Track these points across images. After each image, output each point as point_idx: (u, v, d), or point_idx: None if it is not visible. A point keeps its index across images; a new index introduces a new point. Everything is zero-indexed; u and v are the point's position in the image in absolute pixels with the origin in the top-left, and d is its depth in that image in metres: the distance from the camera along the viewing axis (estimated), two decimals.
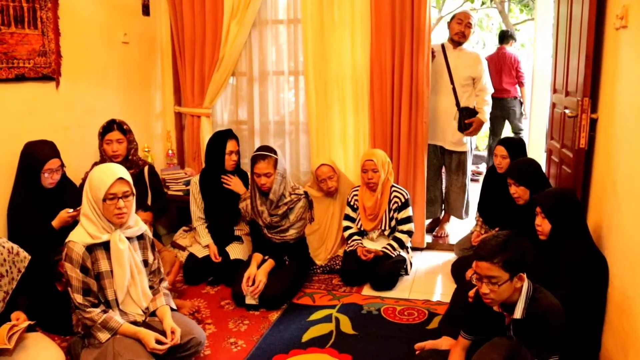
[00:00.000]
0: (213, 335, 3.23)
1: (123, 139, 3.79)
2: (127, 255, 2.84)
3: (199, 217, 4.14)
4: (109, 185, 2.73)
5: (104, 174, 2.79)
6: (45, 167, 3.38)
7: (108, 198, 2.74)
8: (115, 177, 2.75)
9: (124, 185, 2.78)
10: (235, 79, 4.99)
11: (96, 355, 2.76)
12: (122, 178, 2.77)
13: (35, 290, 3.05)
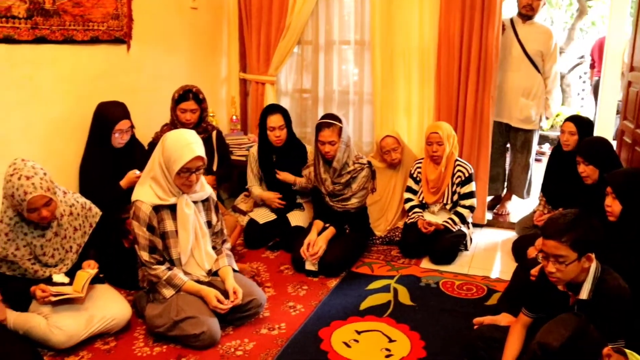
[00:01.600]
0: (272, 298, 3.29)
1: (197, 108, 3.82)
2: (193, 219, 2.91)
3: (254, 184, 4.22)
4: (185, 162, 2.79)
5: (182, 146, 2.84)
6: (116, 128, 3.47)
7: (182, 171, 2.81)
8: (193, 155, 2.81)
9: (199, 160, 2.84)
10: (300, 47, 4.99)
11: (160, 310, 2.86)
12: (200, 156, 2.83)
13: (104, 245, 3.16)
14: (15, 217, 2.81)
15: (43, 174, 2.75)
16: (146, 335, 2.95)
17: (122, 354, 2.80)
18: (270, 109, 4.02)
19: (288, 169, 4.09)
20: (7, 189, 2.73)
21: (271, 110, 4.00)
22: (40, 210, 2.73)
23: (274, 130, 3.97)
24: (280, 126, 3.97)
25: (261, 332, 2.96)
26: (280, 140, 4.00)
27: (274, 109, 4.01)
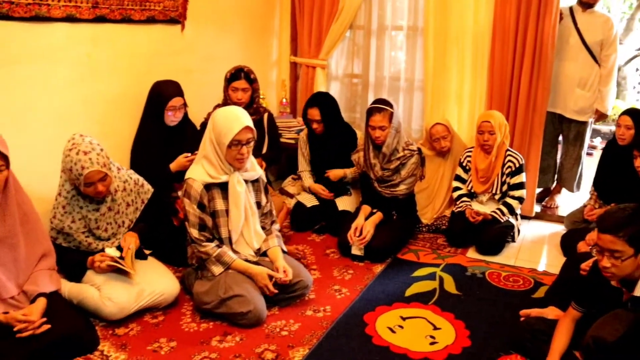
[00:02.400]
0: (318, 281, 3.31)
1: (248, 87, 3.85)
2: (244, 197, 2.94)
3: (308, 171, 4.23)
4: (235, 133, 2.81)
5: (231, 120, 2.87)
6: (169, 105, 3.52)
7: (233, 144, 2.83)
8: (242, 125, 2.83)
9: (249, 132, 2.86)
10: (352, 32, 4.96)
11: (208, 287, 2.91)
12: (249, 126, 2.85)
13: (154, 221, 3.23)
14: (72, 190, 2.89)
15: (100, 150, 2.81)
16: (193, 311, 3.00)
17: (170, 328, 2.86)
18: (310, 102, 4.08)
19: (336, 154, 4.09)
20: (65, 163, 2.81)
21: (310, 103, 4.06)
22: (96, 185, 2.80)
23: (312, 123, 4.02)
24: (317, 120, 3.99)
25: (306, 314, 2.98)
26: (318, 132, 4.05)
27: (312, 103, 4.05)
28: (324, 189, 4.11)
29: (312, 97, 4.13)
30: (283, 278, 2.92)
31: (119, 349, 2.69)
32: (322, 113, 3.98)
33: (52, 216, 2.92)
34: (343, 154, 4.08)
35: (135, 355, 2.64)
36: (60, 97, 3.29)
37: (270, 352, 2.65)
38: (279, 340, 2.75)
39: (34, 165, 3.06)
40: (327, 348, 2.70)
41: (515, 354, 2.64)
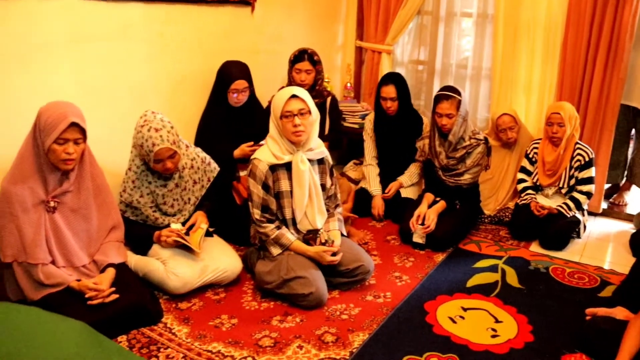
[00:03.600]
0: (378, 267, 3.30)
1: (312, 69, 3.85)
2: (307, 177, 2.95)
3: (373, 157, 4.17)
4: (284, 102, 2.83)
5: (282, 93, 2.91)
6: (232, 87, 3.54)
7: (284, 115, 2.84)
8: (290, 94, 2.85)
9: (299, 102, 2.86)
10: (419, 17, 4.89)
11: (271, 267, 2.93)
12: (296, 95, 2.85)
13: (218, 200, 3.27)
14: (142, 166, 2.95)
15: (170, 127, 2.86)
16: (254, 290, 3.05)
17: (231, 305, 2.91)
18: (385, 79, 3.99)
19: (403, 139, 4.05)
20: (137, 139, 2.87)
21: (386, 80, 3.97)
22: (165, 161, 2.85)
23: (386, 101, 3.94)
24: (392, 98, 3.92)
25: (366, 299, 2.98)
26: (392, 111, 3.96)
27: (388, 80, 3.96)
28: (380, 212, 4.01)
29: (387, 75, 4.06)
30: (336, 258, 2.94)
31: (182, 322, 2.75)
32: (398, 90, 3.92)
33: (122, 190, 3.00)
34: (409, 140, 4.02)
35: (198, 330, 2.69)
36: (133, 74, 3.36)
37: (330, 335, 2.66)
38: (339, 323, 2.76)
39: (106, 140, 3.13)
40: (387, 334, 2.69)
41: (581, 353, 2.57)
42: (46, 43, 2.92)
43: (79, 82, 3.09)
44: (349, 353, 2.53)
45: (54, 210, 2.64)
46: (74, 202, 2.69)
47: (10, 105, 2.81)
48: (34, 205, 2.61)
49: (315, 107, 2.95)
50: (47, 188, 2.62)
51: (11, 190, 2.58)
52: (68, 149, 2.54)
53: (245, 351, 2.54)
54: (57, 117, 2.52)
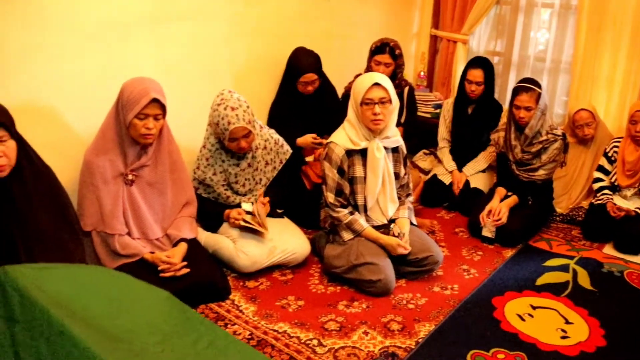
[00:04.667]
0: (446, 259, 3.24)
1: (391, 63, 3.76)
2: (382, 164, 2.93)
3: (444, 139, 4.13)
4: (366, 90, 2.81)
5: (365, 79, 2.88)
6: (301, 80, 3.54)
7: (365, 102, 2.82)
8: (372, 81, 2.83)
9: (381, 91, 2.83)
10: (498, 7, 4.76)
11: (340, 252, 2.93)
12: (379, 84, 2.82)
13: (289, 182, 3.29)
14: (217, 144, 2.99)
15: (246, 107, 2.89)
16: (321, 273, 3.06)
17: (298, 286, 2.93)
18: (474, 62, 3.91)
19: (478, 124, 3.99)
20: (213, 117, 2.91)
21: (475, 64, 3.90)
22: (239, 140, 2.88)
23: (471, 84, 3.88)
24: (478, 82, 3.85)
25: (433, 290, 2.95)
26: (475, 95, 3.90)
27: (477, 63, 3.89)
28: (460, 183, 3.96)
29: (476, 59, 3.97)
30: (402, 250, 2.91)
31: (249, 300, 2.78)
32: (486, 75, 3.85)
33: (196, 167, 3.05)
34: (484, 128, 3.95)
35: (264, 309, 2.72)
36: (211, 54, 3.40)
37: (396, 323, 2.64)
38: (405, 312, 2.74)
39: (182, 117, 3.18)
40: (454, 326, 2.65)
41: None
42: (129, 22, 2.99)
43: (158, 60, 3.15)
44: (415, 343, 2.51)
45: (131, 183, 2.72)
46: (150, 176, 2.75)
47: (95, 80, 2.89)
48: (114, 178, 2.68)
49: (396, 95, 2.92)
50: (127, 161, 2.70)
51: (93, 161, 2.66)
52: (148, 124, 2.60)
53: (311, 333, 2.55)
54: (139, 92, 2.58)
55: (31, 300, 1.49)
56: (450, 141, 4.14)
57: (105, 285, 1.72)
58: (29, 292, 1.50)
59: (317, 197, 3.20)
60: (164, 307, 1.77)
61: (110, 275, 1.88)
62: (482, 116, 4.00)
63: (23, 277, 1.54)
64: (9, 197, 2.21)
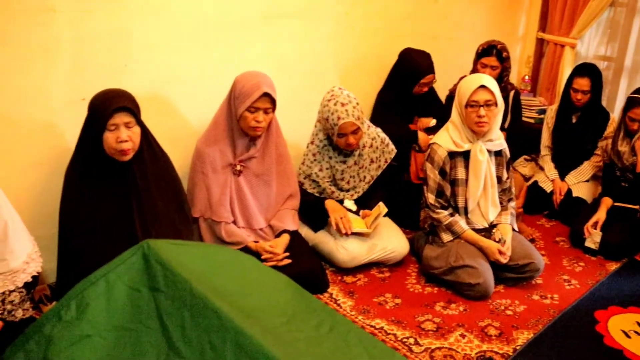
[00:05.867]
0: (546, 267, 3.13)
1: (498, 66, 3.67)
2: (485, 167, 2.90)
3: (546, 146, 4.01)
4: (472, 91, 2.79)
5: (471, 81, 2.86)
6: (422, 81, 3.55)
7: (470, 105, 2.80)
8: (478, 83, 2.80)
9: (487, 93, 2.80)
10: (612, 9, 4.58)
11: (438, 253, 2.93)
12: (485, 86, 2.79)
13: (392, 182, 3.30)
14: (325, 140, 3.05)
15: (356, 104, 2.93)
16: (418, 273, 3.06)
17: (395, 285, 2.95)
18: (581, 70, 3.76)
19: (582, 133, 3.85)
20: (322, 112, 2.97)
21: (581, 72, 3.74)
22: (348, 136, 2.93)
23: (577, 93, 3.74)
24: (585, 91, 3.70)
25: (532, 298, 2.89)
26: (580, 103, 3.76)
27: (584, 71, 3.74)
28: (562, 191, 3.83)
29: (582, 66, 3.82)
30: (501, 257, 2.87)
31: (347, 295, 2.83)
32: (593, 84, 3.72)
33: (302, 162, 3.12)
34: (589, 137, 3.83)
35: (362, 304, 2.76)
36: (318, 51, 3.48)
37: (493, 328, 2.62)
38: (503, 318, 2.70)
39: (289, 112, 3.24)
40: (553, 337, 2.60)
41: None
42: (244, 18, 3.11)
43: (269, 55, 3.25)
44: (512, 350, 2.48)
45: (239, 174, 2.82)
46: (257, 168, 2.85)
47: (209, 73, 3.03)
48: (223, 167, 2.80)
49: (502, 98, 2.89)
50: (236, 152, 2.81)
51: (204, 150, 2.78)
52: (258, 117, 2.69)
53: (408, 332, 2.57)
54: (251, 86, 2.67)
55: (174, 272, 1.62)
56: (552, 149, 4.03)
57: (235, 265, 1.82)
58: (171, 265, 1.63)
59: (416, 197, 3.21)
60: (286, 291, 1.85)
61: (239, 256, 1.99)
62: (587, 125, 3.85)
63: (164, 251, 1.67)
64: (131, 178, 2.37)
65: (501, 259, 2.86)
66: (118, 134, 2.25)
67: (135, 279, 1.69)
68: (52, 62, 2.55)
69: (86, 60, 2.64)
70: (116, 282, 1.68)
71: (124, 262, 1.73)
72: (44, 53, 2.52)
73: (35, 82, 2.53)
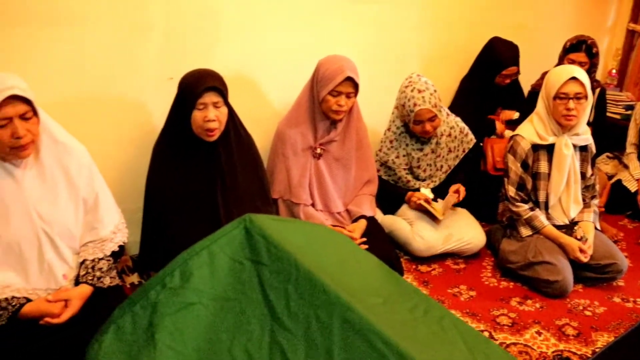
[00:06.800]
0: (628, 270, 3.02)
1: (587, 62, 3.51)
2: (569, 162, 2.82)
3: (632, 144, 3.86)
4: (562, 83, 2.70)
5: (561, 72, 2.77)
6: (503, 72, 3.47)
7: (559, 96, 2.72)
8: (569, 75, 2.71)
9: (578, 86, 2.71)
10: None
11: (517, 247, 2.87)
12: (576, 78, 2.70)
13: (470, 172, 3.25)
14: (402, 127, 3.04)
15: (433, 90, 2.90)
16: (494, 267, 3.02)
17: (470, 277, 2.92)
18: None
19: None
20: (399, 99, 2.95)
21: None
22: (424, 123, 2.90)
23: None
24: None
25: (613, 300, 2.79)
26: None
27: None
28: None
29: None
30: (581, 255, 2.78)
31: (421, 284, 2.82)
32: None
33: (379, 149, 3.11)
34: None
35: (436, 294, 2.74)
36: (400, 38, 3.46)
37: (571, 328, 2.55)
38: (582, 318, 2.63)
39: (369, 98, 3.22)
40: (636, 343, 2.50)
41: None
42: (330, 2, 3.10)
43: (352, 40, 3.25)
44: (591, 352, 2.41)
45: (319, 157, 2.83)
46: (337, 152, 2.85)
47: (293, 55, 3.05)
48: (303, 150, 2.82)
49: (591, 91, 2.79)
50: (316, 135, 2.82)
51: (286, 132, 2.81)
52: (340, 101, 2.69)
53: (483, 325, 2.53)
54: (334, 70, 2.67)
55: (277, 247, 1.65)
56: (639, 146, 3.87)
57: (332, 243, 1.85)
58: (275, 239, 1.66)
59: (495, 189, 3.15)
60: (379, 272, 1.86)
61: (334, 234, 2.01)
62: None
63: (266, 225, 1.71)
64: (216, 158, 2.42)
65: (582, 258, 2.78)
66: (206, 114, 2.29)
67: (237, 252, 1.73)
68: (145, 42, 2.63)
69: (176, 40, 2.71)
70: (219, 254, 1.73)
71: (227, 235, 1.77)
72: (138, 33, 2.60)
73: (128, 61, 2.62)
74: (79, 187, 2.05)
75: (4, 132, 1.79)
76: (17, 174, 1.91)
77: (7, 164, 1.89)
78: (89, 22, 2.47)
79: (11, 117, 1.79)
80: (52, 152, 1.99)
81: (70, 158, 2.03)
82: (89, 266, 2.04)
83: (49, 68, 2.43)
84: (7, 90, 1.76)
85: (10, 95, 1.77)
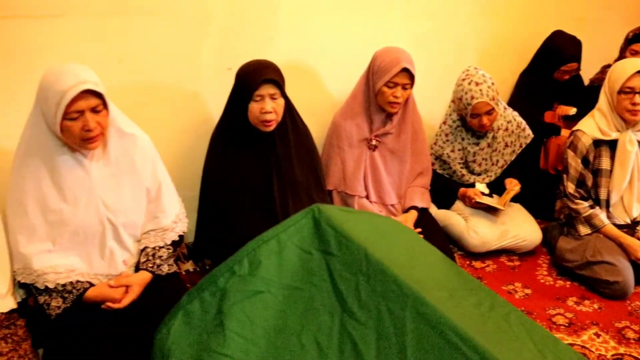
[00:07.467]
0: None
1: None
2: (633, 159, 2.74)
3: None
4: (628, 77, 2.63)
5: (626, 65, 2.70)
6: (563, 68, 3.39)
7: (624, 91, 2.64)
8: (636, 68, 2.63)
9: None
10: None
11: (575, 246, 2.81)
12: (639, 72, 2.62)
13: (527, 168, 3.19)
14: (458, 121, 2.99)
15: (491, 84, 2.84)
16: (550, 265, 2.96)
17: (525, 274, 2.87)
18: None
19: None
20: (456, 92, 2.91)
21: None
22: (481, 117, 2.85)
23: None
24: None
25: None
26: None
27: None
28: None
29: None
30: None
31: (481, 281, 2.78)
32: None
33: (434, 142, 3.08)
34: None
35: None
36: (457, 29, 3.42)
37: (632, 331, 2.47)
38: None
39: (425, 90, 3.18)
40: None
41: None
42: None
43: (409, 32, 3.21)
44: None
45: (374, 149, 2.82)
46: (393, 144, 2.83)
47: (350, 46, 3.04)
48: (358, 142, 2.81)
49: None
50: (372, 127, 2.80)
51: (341, 124, 2.80)
52: (396, 93, 2.67)
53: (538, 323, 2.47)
54: (390, 61, 2.65)
55: (347, 237, 1.66)
56: None
57: (398, 235, 1.84)
58: (344, 230, 1.66)
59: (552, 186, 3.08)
60: (444, 266, 1.84)
61: (399, 227, 2.01)
62: None
63: (334, 216, 1.71)
64: (273, 148, 2.43)
65: None
66: (263, 105, 2.30)
67: (306, 241, 1.74)
68: (204, 33, 2.65)
69: (234, 31, 2.72)
70: (287, 243, 1.74)
71: (295, 224, 1.78)
72: (197, 25, 2.62)
73: (187, 52, 2.64)
74: (143, 177, 2.09)
75: (75, 124, 1.83)
76: (86, 164, 1.95)
77: (77, 154, 1.94)
78: (157, 13, 2.51)
79: (83, 110, 1.83)
80: (119, 143, 2.02)
81: (136, 149, 2.07)
82: (150, 254, 2.08)
83: (116, 56, 2.47)
84: (81, 85, 1.79)
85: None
